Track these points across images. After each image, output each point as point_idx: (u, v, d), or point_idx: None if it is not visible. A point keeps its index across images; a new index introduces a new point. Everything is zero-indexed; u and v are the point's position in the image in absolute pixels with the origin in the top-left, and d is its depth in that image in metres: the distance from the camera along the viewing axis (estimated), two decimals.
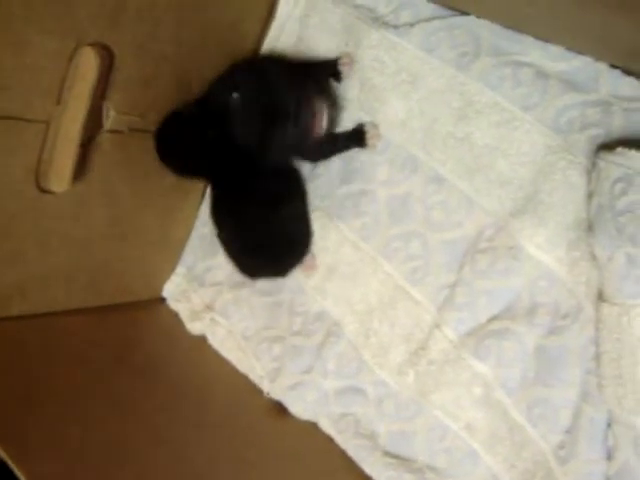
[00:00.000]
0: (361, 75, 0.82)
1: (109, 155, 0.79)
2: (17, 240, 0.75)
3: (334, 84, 0.83)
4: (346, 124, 0.82)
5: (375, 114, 0.83)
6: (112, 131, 0.79)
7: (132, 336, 0.93)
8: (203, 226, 0.96)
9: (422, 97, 0.80)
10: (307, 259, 0.84)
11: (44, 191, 0.75)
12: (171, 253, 0.99)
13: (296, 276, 0.86)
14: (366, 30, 0.82)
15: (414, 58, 0.80)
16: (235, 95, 0.71)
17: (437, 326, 0.77)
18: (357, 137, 0.81)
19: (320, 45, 0.86)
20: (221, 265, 0.96)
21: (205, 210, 0.94)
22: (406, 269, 0.79)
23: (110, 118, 0.79)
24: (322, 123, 0.76)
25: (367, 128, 0.81)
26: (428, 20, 0.80)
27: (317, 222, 0.84)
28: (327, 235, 0.84)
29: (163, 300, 0.98)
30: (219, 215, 0.84)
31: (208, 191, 0.92)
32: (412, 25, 0.80)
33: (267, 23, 0.93)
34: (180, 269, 0.98)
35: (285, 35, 0.90)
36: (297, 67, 0.82)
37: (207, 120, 0.76)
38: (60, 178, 0.76)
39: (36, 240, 0.77)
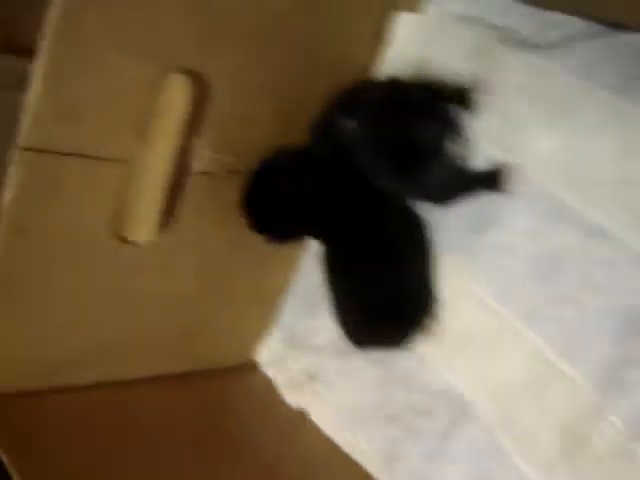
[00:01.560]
0: (498, 105, 0.71)
1: (200, 200, 0.70)
2: (92, 299, 0.68)
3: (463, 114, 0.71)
4: (477, 163, 0.71)
5: (515, 152, 0.69)
6: (204, 173, 0.70)
7: (219, 408, 0.82)
8: (304, 279, 0.85)
9: (577, 131, 0.65)
10: (430, 324, 0.72)
11: (125, 242, 0.66)
12: (267, 311, 0.88)
13: (416, 344, 0.73)
14: (507, 53, 0.69)
15: (567, 85, 0.66)
16: (351, 123, 0.64)
17: (600, 412, 0.62)
18: (491, 179, 0.68)
19: (448, 72, 0.72)
20: (325, 326, 0.82)
21: (307, 261, 0.86)
22: (559, 341, 0.66)
23: (202, 158, 0.70)
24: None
25: (504, 169, 0.69)
26: (585, 39, 0.65)
27: (444, 280, 0.74)
28: (456, 296, 0.73)
29: (255, 365, 0.88)
30: (327, 272, 0.75)
31: (309, 244, 0.85)
32: (565, 46, 0.65)
33: (380, 48, 0.80)
34: (277, 329, 0.88)
35: (403, 62, 0.77)
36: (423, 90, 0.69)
37: (312, 165, 0.70)
38: (144, 227, 0.67)
39: (114, 299, 0.70)
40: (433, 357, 0.74)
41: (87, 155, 0.59)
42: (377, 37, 0.81)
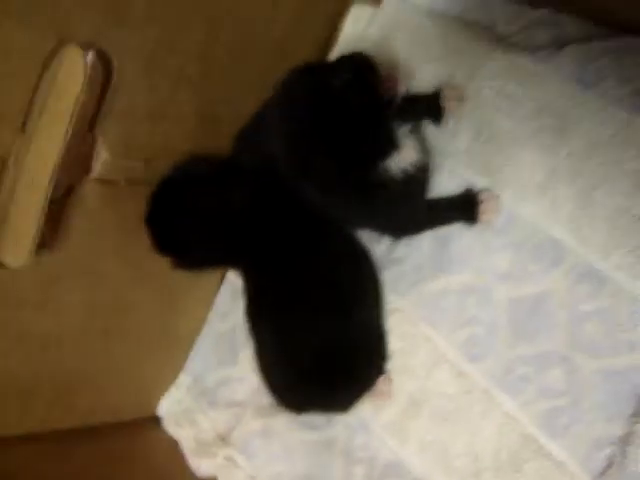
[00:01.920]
0: (476, 117, 0.59)
1: (95, 214, 0.58)
2: None
3: (427, 128, 0.60)
4: (447, 188, 0.59)
5: (494, 175, 0.58)
6: (102, 180, 0.57)
7: (109, 476, 0.66)
8: (220, 320, 0.74)
9: (574, 151, 0.54)
10: (378, 383, 0.60)
11: None
12: (173, 356, 0.75)
13: (358, 406, 0.62)
14: (486, 54, 0.58)
15: (562, 95, 0.55)
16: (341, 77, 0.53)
17: None
18: (464, 208, 0.58)
19: (411, 77, 0.60)
20: (244, 378, 0.71)
21: (223, 298, 0.74)
22: (540, 411, 0.54)
23: (101, 160, 0.55)
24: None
25: (481, 196, 0.57)
26: (582, 42, 0.54)
27: (396, 330, 0.61)
28: (411, 349, 0.60)
29: (158, 421, 0.75)
30: (250, 312, 0.61)
31: (228, 274, 0.73)
32: (557, 49, 0.55)
33: (328, 48, 0.69)
34: (184, 378, 0.75)
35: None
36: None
37: (237, 177, 0.57)
38: (19, 246, 0.53)
39: None
40: (379, 423, 0.62)
41: None
42: (325, 32, 0.70)
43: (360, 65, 0.54)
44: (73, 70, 0.49)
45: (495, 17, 0.61)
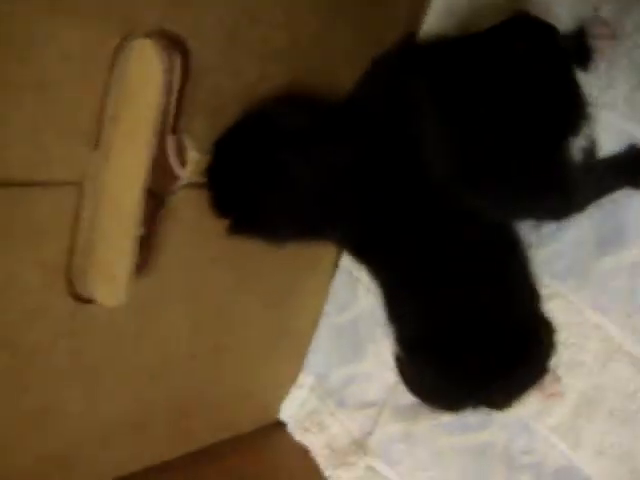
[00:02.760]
0: (636, 58, 0.48)
1: (190, 224, 0.50)
2: (39, 385, 0.47)
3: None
4: (606, 146, 0.48)
5: None
6: (193, 185, 0.48)
7: None
8: (338, 313, 0.66)
9: None
10: (545, 381, 0.52)
11: (82, 301, 0.46)
12: (290, 356, 0.68)
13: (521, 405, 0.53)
14: None
15: None
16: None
17: None
18: (630, 168, 0.49)
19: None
20: (372, 374, 0.63)
21: (339, 288, 0.66)
22: None
23: (190, 163, 0.46)
24: None
25: None
26: None
27: (557, 319, 0.52)
28: (579, 341, 0.52)
29: (282, 427, 0.69)
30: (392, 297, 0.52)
31: (343, 261, 0.64)
32: None
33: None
34: (305, 378, 0.68)
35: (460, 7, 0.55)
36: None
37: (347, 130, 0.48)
38: (112, 283, 0.45)
39: (73, 382, 0.49)
40: (546, 425, 0.54)
41: (13, 182, 0.39)
42: None
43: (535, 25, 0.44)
44: (147, 67, 0.40)
45: None
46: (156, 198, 0.46)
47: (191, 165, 0.46)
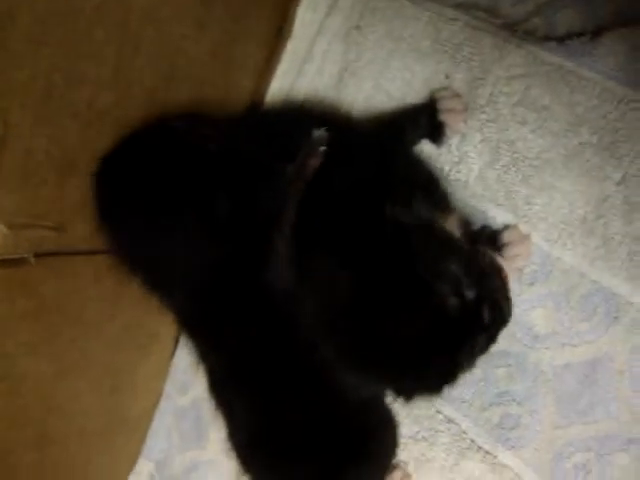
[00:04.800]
0: (489, 134, 0.46)
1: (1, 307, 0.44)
2: None
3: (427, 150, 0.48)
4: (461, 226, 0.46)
5: (520, 209, 0.46)
6: (4, 262, 0.43)
7: None
8: (179, 394, 0.60)
9: (633, 173, 0.43)
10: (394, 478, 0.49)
11: None
12: (126, 441, 0.61)
13: None
14: (494, 46, 0.44)
15: (606, 101, 0.43)
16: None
17: None
18: None
19: (393, 82, 0.47)
20: (215, 461, 0.58)
21: (180, 367, 0.60)
22: None
23: None
24: None
25: (505, 235, 0.45)
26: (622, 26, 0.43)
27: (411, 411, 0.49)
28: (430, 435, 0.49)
29: None
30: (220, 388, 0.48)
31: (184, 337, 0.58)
32: (591, 38, 0.43)
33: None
34: (144, 464, 0.62)
35: (314, 67, 0.50)
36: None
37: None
38: None
39: None
40: None
41: None
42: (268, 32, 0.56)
43: None
44: None
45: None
46: None
47: None
